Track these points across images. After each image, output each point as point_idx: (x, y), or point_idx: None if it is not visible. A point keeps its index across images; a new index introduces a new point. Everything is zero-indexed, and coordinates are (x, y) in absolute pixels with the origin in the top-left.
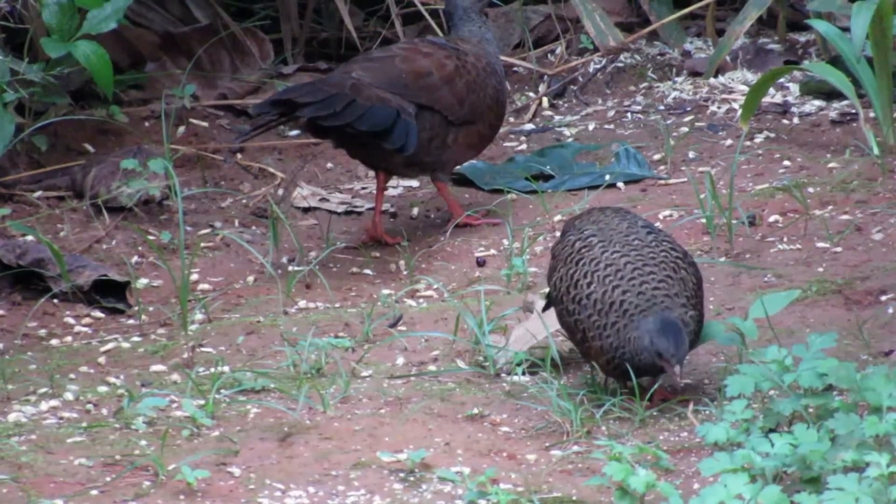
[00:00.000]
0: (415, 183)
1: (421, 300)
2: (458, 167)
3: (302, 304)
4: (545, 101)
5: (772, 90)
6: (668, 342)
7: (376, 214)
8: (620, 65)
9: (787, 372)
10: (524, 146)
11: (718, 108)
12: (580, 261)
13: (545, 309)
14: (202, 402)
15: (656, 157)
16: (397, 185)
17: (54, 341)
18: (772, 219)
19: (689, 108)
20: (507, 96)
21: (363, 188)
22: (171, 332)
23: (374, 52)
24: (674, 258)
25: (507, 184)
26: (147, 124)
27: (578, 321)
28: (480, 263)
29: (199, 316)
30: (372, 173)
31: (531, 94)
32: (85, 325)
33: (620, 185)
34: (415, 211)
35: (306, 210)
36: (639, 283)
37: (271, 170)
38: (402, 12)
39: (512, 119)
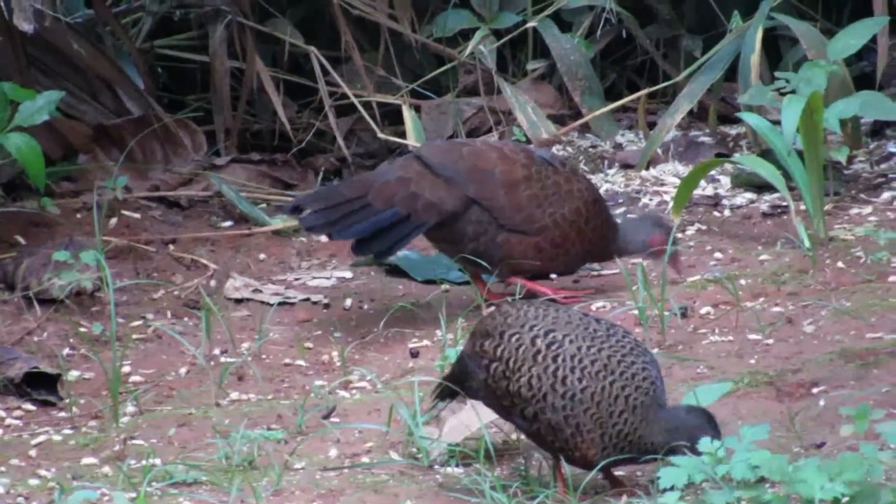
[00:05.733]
0: (348, 273)
1: (354, 391)
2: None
3: (234, 395)
4: None
5: (703, 182)
6: (715, 431)
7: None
8: None
9: (719, 464)
10: None
11: (650, 200)
12: (557, 357)
13: (440, 398)
14: (133, 494)
15: None
16: (330, 277)
17: None
18: (704, 310)
19: (621, 200)
20: (599, 245)
21: (296, 279)
22: (102, 424)
23: (458, 139)
24: (632, 340)
25: (441, 274)
26: (79, 216)
27: (570, 416)
28: (414, 354)
29: (130, 408)
30: (305, 264)
31: None
32: (16, 418)
33: (553, 275)
34: (348, 302)
35: (239, 301)
36: (630, 375)
37: (204, 261)
38: (336, 104)
39: None
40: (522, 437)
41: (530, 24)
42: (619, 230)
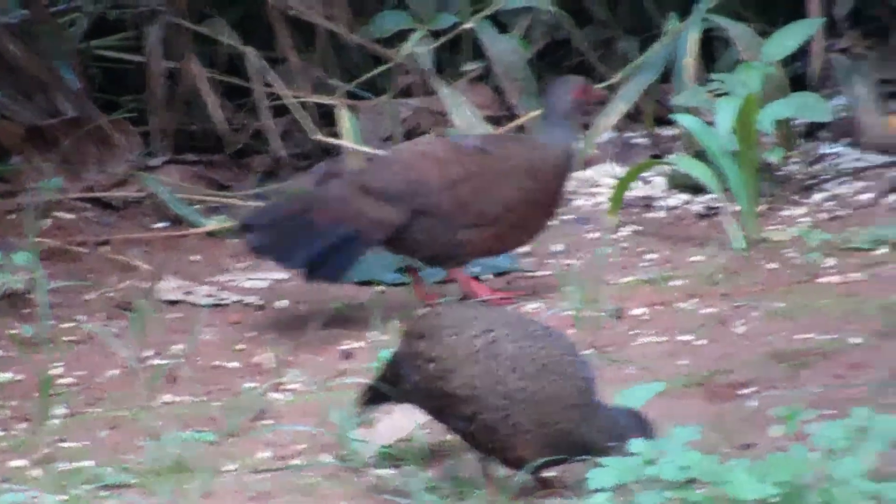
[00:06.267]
0: (282, 275)
1: (286, 393)
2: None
3: (166, 397)
4: None
5: (638, 183)
6: (649, 432)
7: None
8: None
9: (649, 464)
10: None
11: (585, 200)
12: (496, 356)
13: (368, 403)
14: (64, 497)
15: (523, 249)
16: (264, 278)
17: None
18: (637, 311)
19: None
20: (556, 201)
21: (230, 281)
22: (32, 426)
23: (383, 153)
24: (567, 340)
25: (376, 276)
26: (11, 217)
27: (508, 417)
28: (347, 356)
29: (61, 410)
30: (238, 266)
31: None
32: None
33: (488, 276)
34: (281, 303)
35: (172, 303)
36: (568, 375)
37: (137, 262)
38: (272, 104)
39: None
40: (455, 438)
41: (467, 25)
42: (549, 138)
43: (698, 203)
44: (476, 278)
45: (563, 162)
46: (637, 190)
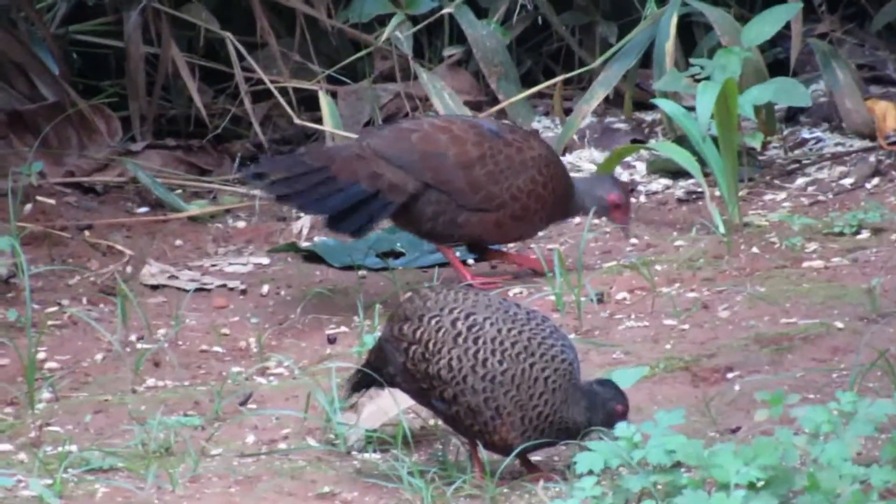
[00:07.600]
0: (265, 260)
1: (271, 378)
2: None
3: (151, 382)
4: None
5: (619, 169)
6: (623, 398)
7: (459, 267)
8: None
9: (635, 449)
10: None
11: None
12: (478, 339)
13: (355, 389)
14: (50, 481)
15: None
16: (247, 263)
17: None
18: (620, 296)
19: None
20: (556, 207)
21: (213, 265)
22: (17, 410)
23: (403, 121)
24: (551, 324)
25: (358, 260)
26: None
27: (490, 399)
28: (331, 340)
29: (46, 394)
30: (221, 250)
31: None
32: None
33: (471, 261)
34: (265, 288)
35: (155, 287)
36: (550, 357)
37: (119, 247)
38: (252, 90)
39: None
40: (440, 422)
41: (446, 10)
42: (576, 188)
43: (679, 188)
44: (463, 262)
45: (574, 188)
46: (618, 175)
